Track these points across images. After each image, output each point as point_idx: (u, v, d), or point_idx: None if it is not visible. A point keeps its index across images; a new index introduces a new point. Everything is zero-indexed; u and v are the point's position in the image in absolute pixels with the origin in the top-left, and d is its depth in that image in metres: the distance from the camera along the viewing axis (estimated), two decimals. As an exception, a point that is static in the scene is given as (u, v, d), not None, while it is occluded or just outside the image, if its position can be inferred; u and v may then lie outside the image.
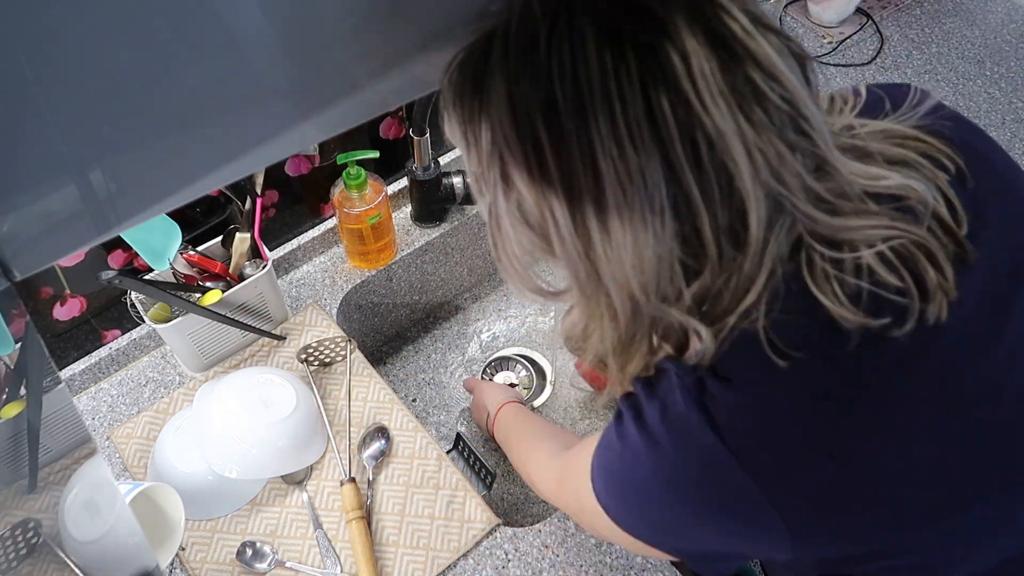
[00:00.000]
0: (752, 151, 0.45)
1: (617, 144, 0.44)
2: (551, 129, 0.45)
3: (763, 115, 0.45)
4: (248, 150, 0.47)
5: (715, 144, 0.44)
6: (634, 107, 0.44)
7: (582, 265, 0.49)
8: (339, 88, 0.49)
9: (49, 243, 0.42)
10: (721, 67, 0.44)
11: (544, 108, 0.45)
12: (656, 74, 0.44)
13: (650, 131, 0.44)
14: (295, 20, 0.44)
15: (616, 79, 0.44)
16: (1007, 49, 1.52)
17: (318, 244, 1.22)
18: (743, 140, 0.45)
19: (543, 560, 0.93)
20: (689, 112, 0.44)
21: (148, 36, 0.39)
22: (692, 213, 0.46)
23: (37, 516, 0.63)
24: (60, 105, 0.38)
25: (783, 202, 0.47)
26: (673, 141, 0.44)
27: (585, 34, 0.44)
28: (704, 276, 0.48)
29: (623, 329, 0.52)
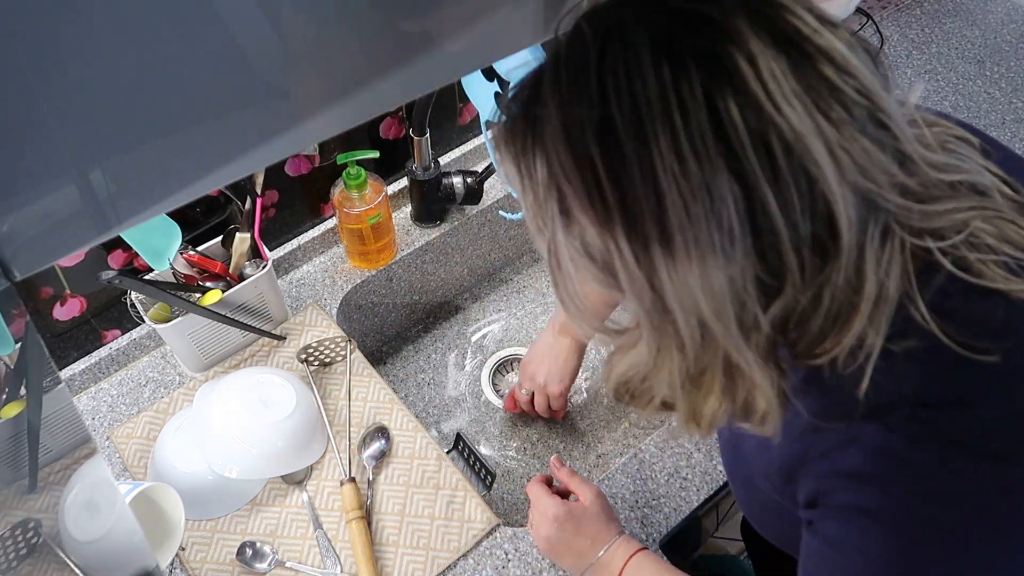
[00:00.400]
0: (835, 150, 0.42)
1: (679, 160, 0.42)
2: (608, 153, 0.43)
3: (842, 111, 0.43)
4: (248, 150, 0.47)
5: (793, 147, 0.42)
6: (697, 118, 0.41)
7: (648, 295, 0.46)
8: (339, 88, 0.49)
9: (49, 243, 0.42)
10: (792, 66, 0.42)
11: (600, 131, 0.43)
12: (722, 80, 0.42)
13: (716, 142, 0.41)
14: (295, 20, 0.44)
15: (676, 91, 0.42)
16: (1007, 49, 1.52)
17: (318, 244, 1.22)
18: (824, 140, 0.42)
19: (543, 560, 0.93)
20: (761, 116, 0.41)
21: (148, 36, 0.39)
22: (769, 225, 0.43)
23: (37, 516, 0.63)
24: (60, 105, 0.38)
25: (875, 199, 0.44)
26: (745, 149, 0.41)
27: (640, 49, 0.42)
28: (785, 294, 0.45)
29: (691, 361, 0.49)
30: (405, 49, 0.50)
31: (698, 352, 0.48)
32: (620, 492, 0.98)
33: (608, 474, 1.00)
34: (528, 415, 1.21)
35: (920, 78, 1.47)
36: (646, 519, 0.96)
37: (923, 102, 1.42)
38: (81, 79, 0.38)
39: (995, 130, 1.38)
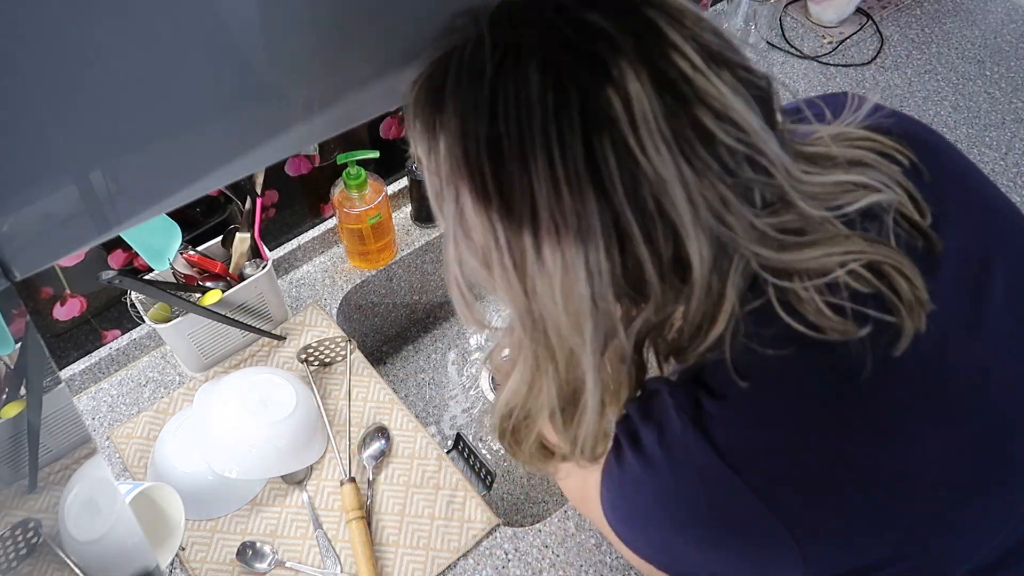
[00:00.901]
0: (694, 196, 0.45)
1: (554, 185, 0.44)
2: (495, 163, 0.46)
3: (710, 158, 0.45)
4: (248, 150, 0.47)
5: (655, 189, 0.44)
6: (573, 151, 0.44)
7: (522, 301, 0.49)
8: (339, 88, 0.49)
9: (49, 243, 0.42)
10: (665, 112, 0.44)
11: (488, 143, 0.46)
12: (598, 119, 0.44)
13: (589, 175, 0.44)
14: (295, 20, 0.44)
15: (557, 122, 0.44)
16: (1007, 49, 1.52)
17: (318, 244, 1.22)
18: (684, 186, 0.44)
19: (543, 560, 0.93)
20: (630, 157, 0.44)
21: (148, 36, 0.39)
22: (633, 250, 0.46)
23: (37, 516, 0.63)
24: (60, 105, 0.38)
25: (728, 243, 0.47)
26: (614, 184, 0.44)
27: (530, 74, 0.44)
28: (647, 309, 0.49)
29: (564, 374, 0.52)
30: (405, 49, 0.50)
31: (567, 365, 0.51)
32: (620, 492, 0.98)
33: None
34: None
35: (920, 78, 1.47)
36: (646, 519, 0.96)
37: (923, 102, 1.43)
38: (81, 79, 0.38)
39: (995, 130, 1.38)
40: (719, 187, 0.45)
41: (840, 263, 0.49)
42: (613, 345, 0.51)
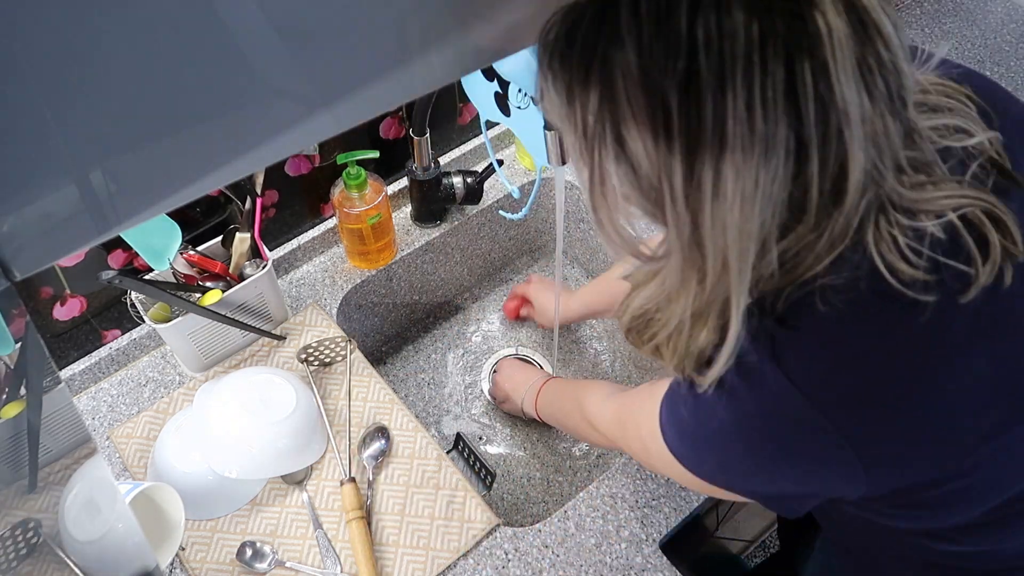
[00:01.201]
0: (866, 122, 0.47)
1: (749, 112, 0.45)
2: (685, 98, 0.46)
3: (883, 88, 0.47)
4: (248, 150, 0.47)
5: (840, 114, 0.46)
6: (774, 78, 0.45)
7: (687, 228, 0.50)
8: (340, 87, 0.49)
9: (49, 243, 0.42)
10: (854, 38, 0.46)
11: (684, 80, 0.46)
12: (802, 43, 0.45)
13: (786, 101, 0.45)
14: (295, 19, 0.44)
15: (761, 50, 0.45)
16: (1007, 49, 1.52)
17: (318, 244, 1.22)
18: (861, 111, 0.47)
19: (543, 560, 0.93)
20: (826, 82, 0.45)
21: (148, 35, 0.39)
22: (806, 172, 0.48)
23: (37, 516, 0.63)
24: (60, 105, 0.38)
25: (874, 172, 0.49)
26: (808, 109, 0.46)
27: (733, 9, 0.45)
28: (797, 232, 0.51)
29: (706, 294, 0.53)
30: (405, 49, 0.50)
31: (714, 284, 0.52)
32: (620, 492, 0.98)
33: (608, 474, 1.00)
34: None
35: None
36: (646, 519, 0.96)
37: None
38: (81, 79, 0.38)
39: (995, 130, 1.38)
40: (884, 117, 0.48)
41: (955, 206, 0.53)
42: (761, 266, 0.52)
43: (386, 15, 0.48)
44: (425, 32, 0.50)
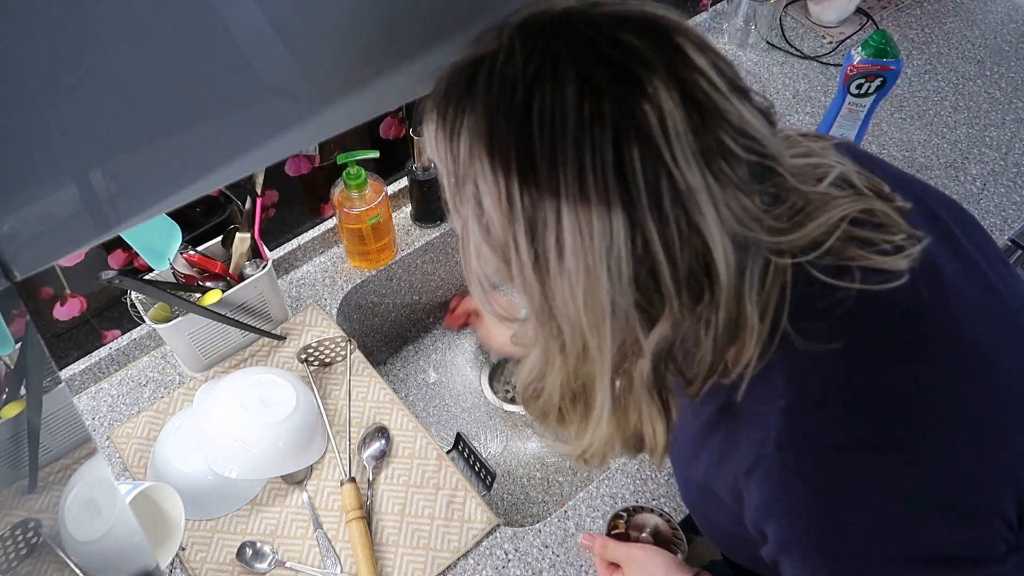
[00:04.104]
0: (719, 206, 0.48)
1: (581, 190, 0.47)
2: (523, 168, 0.48)
3: (731, 171, 0.48)
4: (248, 150, 0.47)
5: (683, 197, 0.47)
6: (603, 159, 0.46)
7: (537, 297, 0.51)
8: (339, 88, 0.49)
9: (49, 243, 0.42)
10: (694, 128, 0.47)
11: (519, 147, 0.48)
12: (631, 129, 0.46)
13: (616, 182, 0.47)
14: (295, 20, 0.44)
15: (591, 130, 0.46)
16: (1007, 49, 1.52)
17: (318, 244, 1.22)
18: (711, 196, 0.48)
19: (543, 560, 0.93)
20: (661, 168, 0.47)
21: (149, 36, 0.39)
22: (651, 258, 0.48)
23: (37, 516, 0.63)
24: (60, 105, 0.38)
25: (750, 242, 0.50)
26: (639, 191, 0.47)
27: (566, 83, 0.47)
28: (664, 322, 0.51)
29: (572, 369, 0.54)
30: (405, 49, 0.50)
31: (578, 361, 0.54)
32: (620, 492, 0.98)
33: (608, 474, 1.00)
34: None
35: (920, 78, 1.47)
36: (646, 519, 0.96)
37: (923, 102, 1.42)
38: (81, 80, 0.38)
39: (995, 130, 1.38)
40: (739, 196, 0.49)
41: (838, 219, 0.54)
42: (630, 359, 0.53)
43: (386, 15, 0.48)
44: (424, 32, 0.50)
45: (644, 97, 0.47)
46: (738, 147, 0.49)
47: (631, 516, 0.91)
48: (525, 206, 0.49)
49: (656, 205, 0.47)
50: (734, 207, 0.49)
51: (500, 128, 0.48)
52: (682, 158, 0.47)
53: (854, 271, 0.55)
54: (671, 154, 0.47)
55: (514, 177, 0.48)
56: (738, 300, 0.51)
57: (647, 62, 0.47)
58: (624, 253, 0.48)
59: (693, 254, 0.49)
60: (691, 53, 0.49)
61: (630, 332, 0.51)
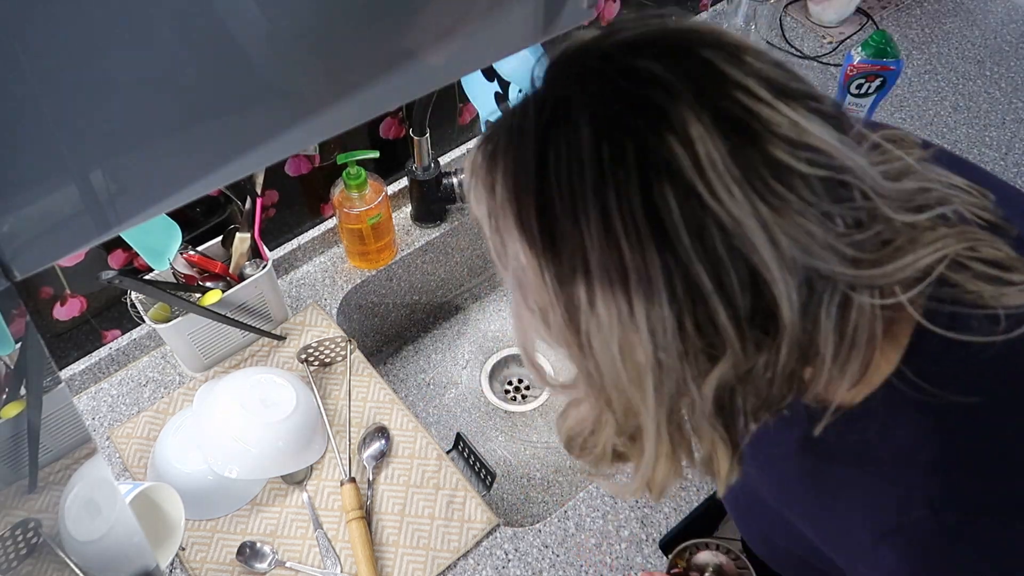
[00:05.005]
0: (776, 235, 0.42)
1: (608, 240, 0.42)
2: (544, 220, 0.44)
3: (786, 192, 0.42)
4: (248, 150, 0.47)
5: (731, 233, 0.41)
6: (631, 203, 0.42)
7: (578, 356, 0.48)
8: (339, 88, 0.49)
9: (49, 243, 0.42)
10: (731, 151, 0.41)
11: (538, 201, 0.44)
12: (659, 167, 0.41)
13: (649, 227, 0.42)
14: (295, 20, 0.44)
15: (613, 175, 0.42)
16: (1007, 49, 1.52)
17: (318, 244, 1.22)
18: (763, 227, 0.41)
19: (543, 560, 0.93)
20: (697, 203, 0.41)
21: (148, 36, 0.39)
22: (703, 303, 0.43)
23: (37, 516, 0.63)
24: (60, 105, 0.38)
25: (823, 274, 0.44)
26: (679, 233, 0.42)
27: (580, 128, 0.43)
28: (723, 364, 0.45)
29: (622, 423, 0.50)
30: (405, 49, 0.50)
31: (626, 415, 0.49)
32: (620, 492, 0.98)
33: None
34: None
35: (920, 78, 1.47)
36: (646, 519, 0.96)
37: (923, 102, 1.42)
38: (81, 79, 0.38)
39: (995, 130, 1.38)
40: (801, 221, 0.42)
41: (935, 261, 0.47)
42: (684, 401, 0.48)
43: (385, 16, 0.48)
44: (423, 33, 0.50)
45: (668, 129, 0.41)
46: (797, 161, 0.42)
47: (693, 554, 0.88)
48: (551, 262, 0.45)
49: (701, 244, 0.42)
50: (795, 233, 0.42)
51: (520, 184, 0.45)
52: (722, 189, 0.41)
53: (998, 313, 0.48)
54: (707, 187, 0.41)
55: (536, 233, 0.45)
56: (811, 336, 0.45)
57: (669, 88, 0.42)
58: (666, 300, 0.43)
59: (755, 292, 0.43)
60: (722, 66, 0.43)
61: (681, 382, 0.46)
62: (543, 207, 0.44)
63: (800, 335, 0.44)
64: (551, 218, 0.44)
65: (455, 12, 0.50)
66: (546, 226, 0.45)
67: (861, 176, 0.44)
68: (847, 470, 0.54)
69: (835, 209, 0.43)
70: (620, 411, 0.49)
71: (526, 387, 1.31)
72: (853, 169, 0.44)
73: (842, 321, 0.46)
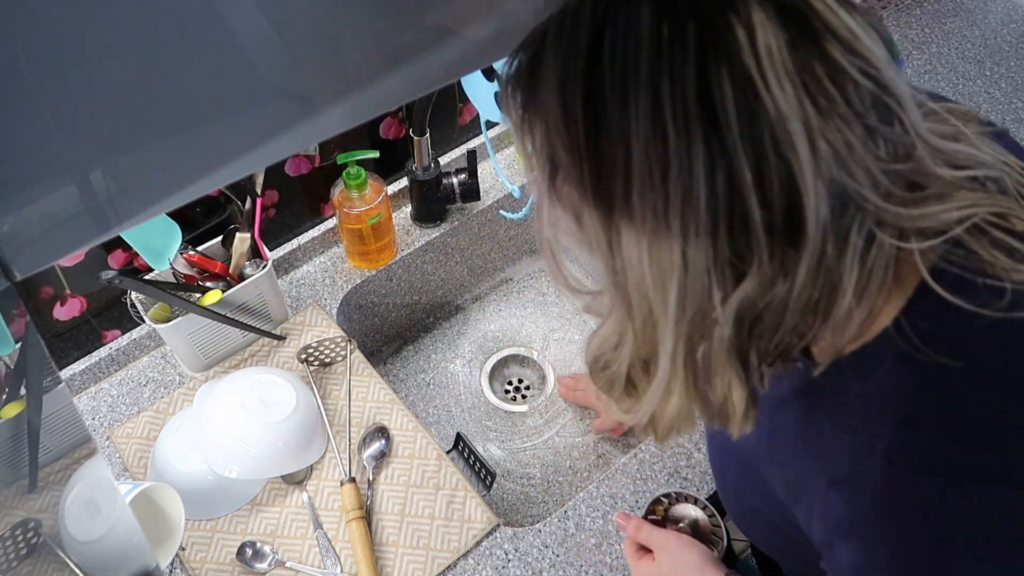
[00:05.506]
0: (816, 139, 0.41)
1: (654, 126, 0.41)
2: (591, 109, 0.43)
3: (837, 95, 0.41)
4: (248, 150, 0.47)
5: (774, 126, 0.40)
6: (684, 85, 0.40)
7: (608, 259, 0.46)
8: (340, 88, 0.49)
9: (49, 243, 0.42)
10: (790, 43, 0.40)
11: (587, 89, 0.42)
12: (717, 50, 0.40)
13: (700, 110, 0.40)
14: (295, 20, 0.44)
15: (670, 55, 0.40)
16: (1007, 49, 1.52)
17: (318, 244, 1.22)
18: (807, 126, 0.40)
19: (543, 560, 0.93)
20: (749, 92, 0.40)
21: (149, 36, 0.39)
22: (741, 202, 0.41)
23: (37, 516, 0.63)
24: (60, 105, 0.38)
25: (852, 196, 0.42)
26: (729, 121, 0.40)
27: (641, 7, 0.41)
28: (749, 280, 0.43)
29: (640, 338, 0.48)
30: (405, 49, 0.50)
31: (645, 327, 0.47)
32: (620, 492, 0.98)
33: (608, 474, 1.00)
34: None
35: (920, 78, 1.47)
36: (646, 519, 0.96)
37: (923, 102, 1.41)
38: (81, 80, 0.38)
39: (995, 130, 1.38)
40: (844, 130, 0.41)
41: (959, 219, 0.46)
42: (706, 322, 0.45)
43: (384, 16, 0.48)
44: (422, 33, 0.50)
45: (732, 11, 0.40)
46: (850, 65, 0.41)
47: (672, 504, 0.88)
48: (591, 156, 0.43)
49: (749, 135, 0.40)
50: (835, 141, 0.41)
51: (569, 71, 0.43)
52: (774, 79, 0.40)
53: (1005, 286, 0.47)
54: (761, 75, 0.40)
55: (580, 124, 0.43)
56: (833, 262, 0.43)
57: None
58: (704, 197, 0.41)
59: (787, 197, 0.41)
60: None
61: (705, 292, 0.44)
62: (591, 93, 0.42)
63: (824, 259, 0.43)
64: (599, 106, 0.42)
65: (455, 12, 0.50)
66: (591, 116, 0.43)
67: (905, 107, 0.44)
68: (824, 420, 0.54)
69: (880, 128, 0.43)
70: (639, 322, 0.47)
71: (526, 387, 1.31)
72: (898, 95, 0.43)
73: (865, 255, 0.44)
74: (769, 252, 0.42)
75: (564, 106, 0.44)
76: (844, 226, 0.43)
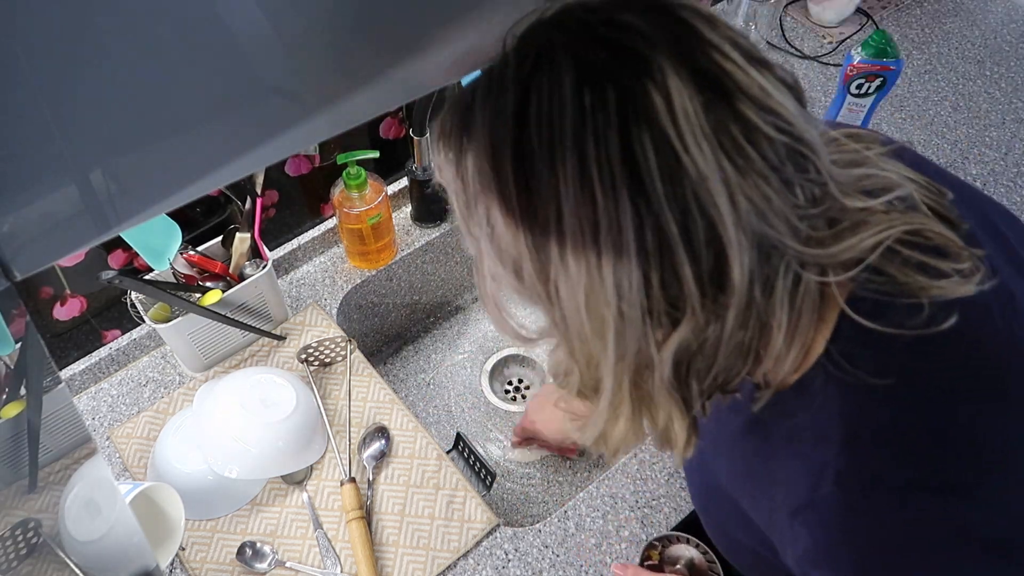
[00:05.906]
0: (736, 196, 0.43)
1: (583, 187, 0.43)
2: (521, 167, 0.45)
3: (752, 152, 0.43)
4: (248, 150, 0.47)
5: (697, 188, 0.43)
6: (608, 149, 0.43)
7: (547, 307, 0.49)
8: (339, 88, 0.49)
9: (49, 243, 0.42)
10: (705, 106, 0.43)
11: (515, 147, 0.45)
12: (638, 114, 0.43)
13: (625, 173, 0.43)
14: (295, 19, 0.44)
15: (593, 120, 0.43)
16: (1007, 49, 1.52)
17: (318, 244, 1.22)
18: (726, 184, 0.43)
19: (543, 560, 0.93)
20: (671, 153, 0.42)
21: (148, 36, 0.39)
22: (671, 257, 0.44)
23: (37, 516, 0.63)
24: (60, 105, 0.38)
25: (774, 244, 0.45)
26: (653, 181, 0.43)
27: (563, 75, 0.43)
28: (684, 326, 0.46)
29: (586, 378, 0.52)
30: (406, 49, 0.50)
31: (588, 367, 0.50)
32: (620, 492, 0.98)
33: (608, 474, 1.00)
34: None
35: (920, 78, 1.47)
36: (646, 519, 0.96)
37: (923, 102, 1.42)
38: (81, 79, 0.38)
39: (995, 130, 1.38)
40: (762, 185, 0.44)
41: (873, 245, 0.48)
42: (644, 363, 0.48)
43: (384, 17, 0.48)
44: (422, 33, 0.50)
45: (649, 78, 0.43)
46: (764, 123, 0.44)
47: (665, 547, 0.90)
48: (525, 211, 0.45)
49: (673, 193, 0.42)
50: (754, 197, 0.43)
51: (498, 133, 0.45)
52: (692, 141, 0.42)
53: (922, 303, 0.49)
54: (679, 137, 0.42)
55: (511, 181, 0.45)
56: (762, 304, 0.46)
57: (650, 39, 0.43)
58: (634, 251, 0.43)
59: (713, 250, 0.44)
60: (699, 26, 0.45)
61: (643, 341, 0.47)
62: (520, 156, 0.45)
63: (753, 304, 0.46)
64: (528, 168, 0.44)
65: (455, 12, 0.50)
66: (522, 177, 0.45)
67: (817, 152, 0.46)
68: (778, 450, 0.56)
69: (796, 178, 0.45)
70: (583, 362, 0.50)
71: (526, 387, 1.31)
72: (810, 143, 0.46)
73: (794, 295, 0.47)
74: (700, 300, 0.45)
75: (495, 169, 0.46)
76: (770, 271, 0.46)
